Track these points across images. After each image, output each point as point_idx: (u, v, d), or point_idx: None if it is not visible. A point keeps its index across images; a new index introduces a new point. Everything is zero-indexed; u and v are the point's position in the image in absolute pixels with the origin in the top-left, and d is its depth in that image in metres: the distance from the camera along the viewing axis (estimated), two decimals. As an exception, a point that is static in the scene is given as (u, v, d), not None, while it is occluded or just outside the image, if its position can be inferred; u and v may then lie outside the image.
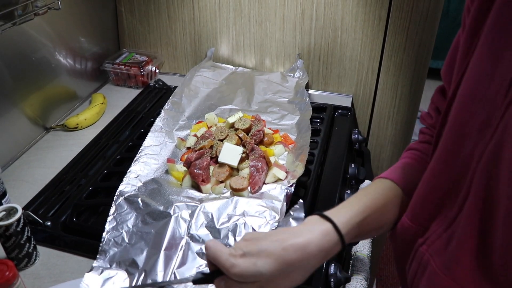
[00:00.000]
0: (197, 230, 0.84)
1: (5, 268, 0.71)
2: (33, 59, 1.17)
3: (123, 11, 1.48)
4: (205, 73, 1.37)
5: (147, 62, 1.44)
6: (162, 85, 1.44)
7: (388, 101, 1.36)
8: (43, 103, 1.22)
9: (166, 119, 1.15)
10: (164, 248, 0.81)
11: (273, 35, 1.37)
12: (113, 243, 0.83)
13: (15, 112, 1.12)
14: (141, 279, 0.78)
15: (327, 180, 1.05)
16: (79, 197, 0.96)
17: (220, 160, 0.98)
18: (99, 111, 1.28)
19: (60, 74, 1.28)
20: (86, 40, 1.39)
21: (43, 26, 1.18)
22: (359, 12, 1.26)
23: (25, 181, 1.04)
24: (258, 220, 0.84)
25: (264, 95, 1.30)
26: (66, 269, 0.83)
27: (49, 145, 1.17)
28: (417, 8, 1.20)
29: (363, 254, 0.96)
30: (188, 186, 0.98)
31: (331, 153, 1.13)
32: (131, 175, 0.96)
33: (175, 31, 1.47)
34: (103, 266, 0.80)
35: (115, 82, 1.46)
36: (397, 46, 1.25)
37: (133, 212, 0.88)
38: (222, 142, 1.03)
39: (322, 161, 1.09)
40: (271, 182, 0.97)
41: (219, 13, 1.39)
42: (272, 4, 1.32)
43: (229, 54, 1.46)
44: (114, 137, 1.18)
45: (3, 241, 0.79)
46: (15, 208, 0.79)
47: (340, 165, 1.09)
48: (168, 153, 1.07)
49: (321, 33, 1.32)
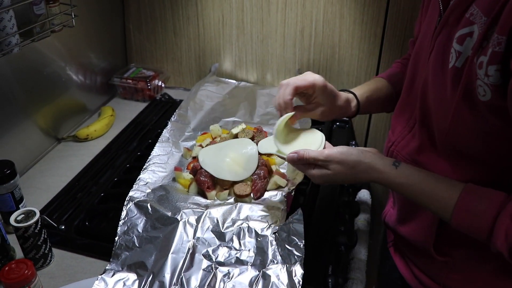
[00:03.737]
0: (203, 234, 0.88)
1: (25, 267, 0.76)
2: (45, 74, 1.22)
3: (131, 28, 1.55)
4: (209, 87, 1.43)
5: (154, 76, 1.50)
6: (168, 99, 1.50)
7: (384, 114, 1.41)
8: (55, 115, 1.27)
9: (173, 130, 1.20)
10: (171, 251, 0.85)
11: (274, 51, 1.44)
12: (124, 247, 0.87)
13: (28, 124, 1.17)
14: (149, 281, 0.82)
15: (325, 188, 1.10)
16: (91, 202, 1.02)
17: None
18: (108, 123, 1.33)
19: (71, 88, 1.34)
20: (95, 56, 1.45)
21: (54, 43, 1.24)
22: (355, 29, 1.32)
23: (39, 189, 1.09)
24: (261, 224, 0.89)
25: (265, 108, 1.35)
26: (79, 270, 0.88)
27: (61, 155, 1.23)
28: (411, 26, 1.26)
29: (360, 258, 1.01)
30: (194, 193, 1.03)
31: (329, 163, 1.18)
32: (140, 182, 1.01)
33: (181, 47, 1.53)
34: (115, 269, 0.85)
35: (123, 96, 1.52)
36: (392, 61, 1.29)
37: (142, 217, 0.92)
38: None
39: (321, 171, 1.14)
40: (272, 189, 1.02)
41: (222, 30, 1.45)
42: (273, 22, 1.39)
43: (232, 69, 1.52)
44: (123, 148, 1.23)
45: (22, 242, 0.84)
46: (33, 212, 0.85)
47: (338, 174, 1.14)
48: (175, 162, 1.12)
49: (320, 49, 1.38)
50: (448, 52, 0.65)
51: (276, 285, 0.79)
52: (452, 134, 0.68)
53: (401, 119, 0.84)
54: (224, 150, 1.07)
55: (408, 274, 0.88)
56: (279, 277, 0.80)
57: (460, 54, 0.62)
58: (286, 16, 1.36)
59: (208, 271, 0.83)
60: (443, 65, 0.66)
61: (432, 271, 0.82)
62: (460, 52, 0.62)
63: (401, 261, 0.91)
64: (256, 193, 0.99)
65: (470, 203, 0.65)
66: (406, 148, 0.80)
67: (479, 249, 0.72)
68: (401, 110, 0.85)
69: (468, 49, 0.61)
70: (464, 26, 0.62)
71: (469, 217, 0.64)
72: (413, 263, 0.87)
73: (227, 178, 1.00)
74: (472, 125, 0.65)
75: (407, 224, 0.85)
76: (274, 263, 0.83)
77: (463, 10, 0.63)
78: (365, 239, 1.06)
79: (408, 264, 0.88)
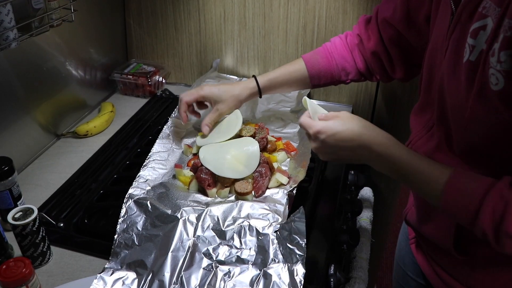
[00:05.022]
0: (203, 232, 0.87)
1: (22, 265, 0.75)
2: (45, 69, 1.21)
3: (131, 23, 1.53)
4: (211, 83, 1.42)
5: (154, 72, 1.49)
6: (169, 95, 1.48)
7: (387, 112, 1.40)
8: (54, 111, 1.26)
9: (174, 126, 1.19)
10: (171, 250, 0.85)
11: (276, 47, 1.42)
12: (124, 245, 0.86)
13: (27, 120, 1.16)
14: (148, 279, 0.81)
15: (328, 186, 1.08)
16: (90, 200, 1.01)
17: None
18: (108, 119, 1.32)
19: (70, 83, 1.33)
20: (95, 51, 1.43)
21: (54, 38, 1.22)
22: (359, 25, 1.31)
23: (38, 185, 1.08)
24: (262, 222, 0.88)
25: (267, 104, 1.34)
26: (78, 268, 0.87)
27: (60, 151, 1.21)
28: (415, 22, 1.25)
29: (362, 257, 1.00)
30: (195, 190, 1.02)
31: (331, 160, 1.17)
32: (140, 180, 1.00)
33: (182, 43, 1.52)
34: (114, 267, 0.84)
35: (123, 92, 1.51)
36: (395, 58, 1.30)
37: (142, 214, 0.91)
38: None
39: (323, 168, 1.13)
40: (274, 186, 1.01)
41: (224, 25, 1.44)
42: (276, 17, 1.37)
43: (233, 65, 1.50)
44: (122, 144, 1.22)
45: (20, 240, 0.83)
46: (31, 209, 0.84)
47: (340, 172, 1.14)
48: (175, 159, 1.11)
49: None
50: (463, 48, 0.64)
51: (278, 284, 0.78)
52: (469, 131, 0.67)
53: (420, 119, 0.83)
54: (225, 147, 1.06)
55: (430, 272, 0.88)
56: (281, 277, 0.79)
57: (473, 48, 0.62)
58: (289, 11, 1.35)
59: (209, 270, 0.82)
60: (458, 61, 0.66)
61: (455, 270, 0.81)
62: (474, 46, 0.62)
63: (423, 259, 0.91)
64: (258, 191, 0.98)
65: (460, 181, 0.65)
66: (423, 147, 0.80)
67: None
68: (420, 110, 0.84)
69: (482, 42, 0.61)
70: (478, 20, 0.62)
71: (459, 195, 0.65)
72: (434, 261, 0.86)
73: (228, 176, 0.99)
74: (488, 120, 0.63)
75: (427, 224, 0.84)
76: (276, 262, 0.82)
77: (475, 5, 0.63)
78: (367, 237, 1.05)
79: (429, 262, 0.88)
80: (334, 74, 1.06)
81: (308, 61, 1.07)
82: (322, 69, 1.06)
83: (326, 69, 1.06)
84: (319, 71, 1.06)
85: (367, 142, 0.73)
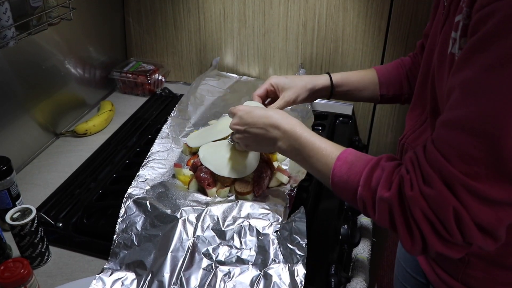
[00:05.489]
0: (203, 232, 0.87)
1: (21, 266, 0.75)
2: (43, 68, 1.21)
3: (131, 22, 1.53)
4: (210, 81, 1.41)
5: (154, 71, 1.48)
6: (168, 93, 1.48)
7: (388, 110, 1.39)
8: (53, 110, 1.26)
9: (173, 126, 1.19)
10: (171, 250, 0.84)
11: (277, 45, 1.42)
12: (123, 245, 0.86)
13: (26, 119, 1.16)
14: (148, 280, 0.81)
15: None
16: (89, 199, 1.00)
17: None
18: (107, 118, 1.32)
19: (70, 82, 1.32)
20: (95, 50, 1.43)
21: (53, 36, 1.22)
22: (359, 23, 1.30)
23: (37, 185, 1.08)
24: (262, 222, 0.87)
25: (267, 103, 1.33)
26: (77, 269, 0.87)
27: (59, 150, 1.21)
28: (416, 19, 1.24)
29: (363, 257, 0.99)
30: (194, 190, 1.01)
31: (332, 159, 1.17)
32: (139, 179, 0.99)
33: (181, 41, 1.51)
34: (113, 268, 0.84)
35: (122, 90, 1.50)
36: (396, 56, 1.29)
37: (141, 214, 0.91)
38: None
39: (323, 167, 1.12)
40: (274, 186, 1.01)
41: (224, 23, 1.43)
42: (276, 16, 1.36)
43: (233, 63, 1.50)
44: (122, 143, 1.21)
45: (18, 240, 0.83)
46: (30, 209, 0.83)
47: (341, 171, 1.13)
48: (175, 159, 1.10)
49: (323, 43, 1.36)
50: (449, 41, 0.67)
51: (278, 285, 0.78)
52: None
53: (413, 114, 0.86)
54: (225, 146, 1.05)
55: (428, 269, 0.88)
56: (281, 277, 0.79)
57: (455, 40, 0.64)
58: (289, 9, 1.34)
59: (208, 271, 0.81)
60: (444, 53, 0.69)
61: (450, 266, 0.81)
62: (455, 39, 0.64)
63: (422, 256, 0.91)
64: (258, 190, 0.97)
65: (351, 156, 0.72)
66: (416, 141, 0.82)
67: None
68: (414, 105, 0.87)
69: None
70: (460, 13, 0.63)
71: (347, 166, 0.70)
72: (431, 258, 0.86)
73: (228, 175, 0.98)
74: None
75: None
76: (276, 262, 0.81)
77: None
78: (368, 237, 1.04)
79: (427, 258, 0.88)
80: (404, 84, 1.04)
81: (379, 69, 1.05)
82: (391, 76, 1.04)
83: (396, 77, 1.03)
84: (389, 79, 1.03)
85: (278, 121, 0.82)
